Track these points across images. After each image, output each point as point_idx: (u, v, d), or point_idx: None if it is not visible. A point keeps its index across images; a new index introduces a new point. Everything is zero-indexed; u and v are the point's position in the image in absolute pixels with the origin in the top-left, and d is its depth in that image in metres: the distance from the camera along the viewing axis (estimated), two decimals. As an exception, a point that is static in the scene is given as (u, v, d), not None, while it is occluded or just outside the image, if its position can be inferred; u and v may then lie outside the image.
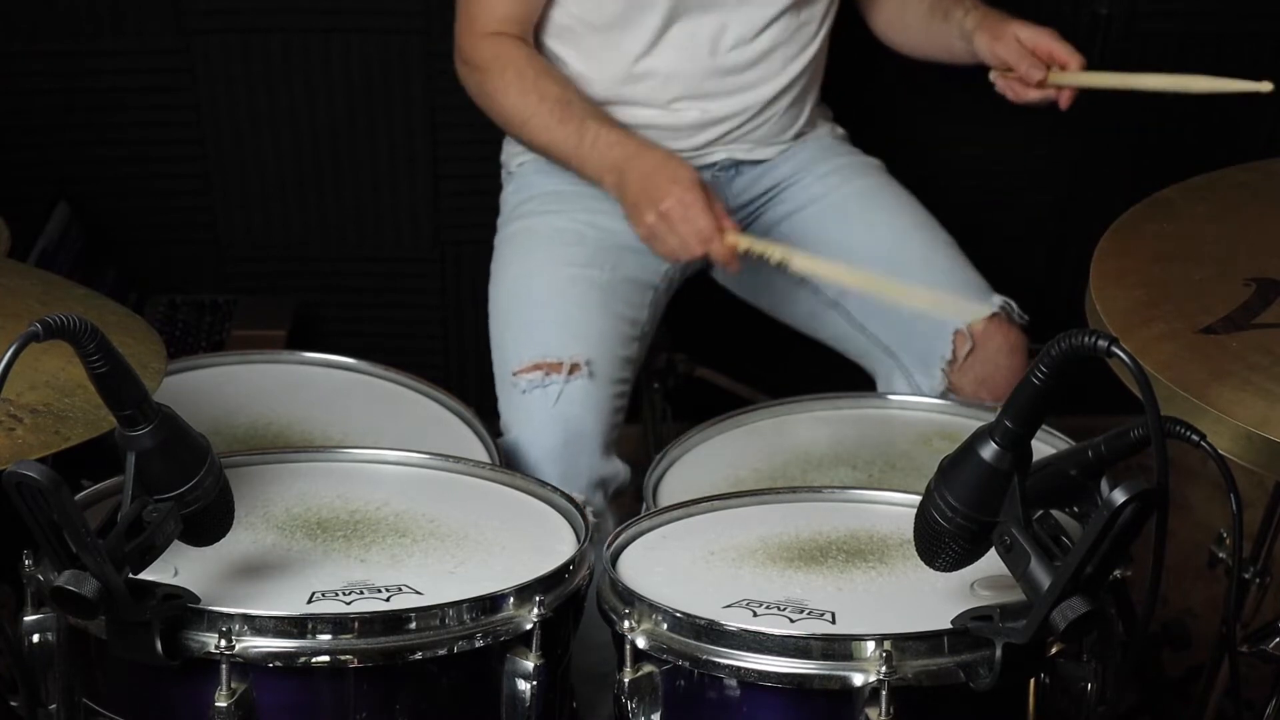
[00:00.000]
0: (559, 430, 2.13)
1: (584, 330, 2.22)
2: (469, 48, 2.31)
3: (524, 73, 2.27)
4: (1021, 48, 2.26)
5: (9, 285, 1.75)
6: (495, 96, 2.29)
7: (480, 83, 2.31)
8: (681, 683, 1.52)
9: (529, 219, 2.37)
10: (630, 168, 2.18)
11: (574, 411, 2.14)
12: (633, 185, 2.17)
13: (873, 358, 2.35)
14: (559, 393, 2.14)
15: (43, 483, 1.31)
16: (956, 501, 1.42)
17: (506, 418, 2.20)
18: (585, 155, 2.23)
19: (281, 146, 2.88)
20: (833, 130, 2.53)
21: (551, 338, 2.20)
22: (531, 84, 2.26)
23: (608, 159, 2.20)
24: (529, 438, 2.14)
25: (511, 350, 2.23)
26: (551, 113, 2.24)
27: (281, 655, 1.46)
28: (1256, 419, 1.42)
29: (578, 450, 2.13)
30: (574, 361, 2.16)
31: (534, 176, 2.40)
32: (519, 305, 2.28)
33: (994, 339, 2.22)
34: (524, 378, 2.17)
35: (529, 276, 2.30)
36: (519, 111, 2.26)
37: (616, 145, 2.21)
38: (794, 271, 2.16)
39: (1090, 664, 1.55)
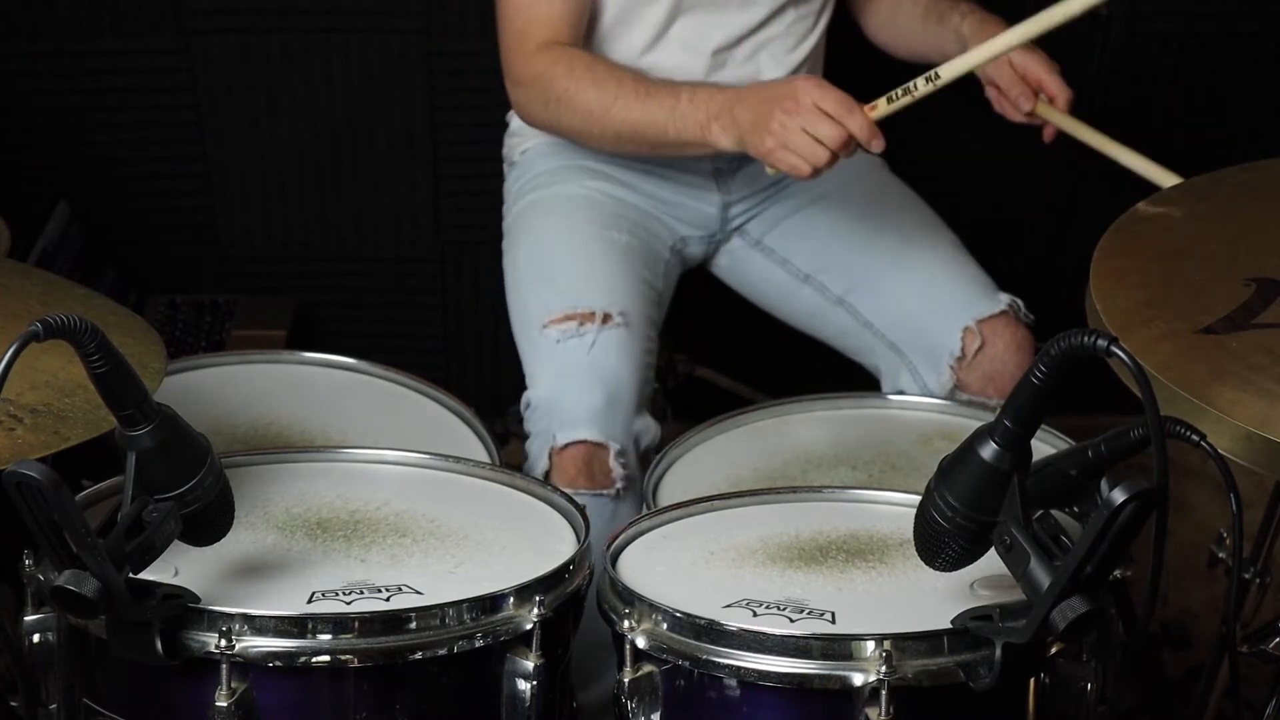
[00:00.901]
0: (596, 379, 2.09)
1: (613, 284, 2.19)
2: (522, 67, 2.24)
3: (593, 65, 2.21)
4: (1013, 72, 2.26)
5: (9, 285, 1.75)
6: (570, 96, 2.20)
7: (546, 90, 2.22)
8: (681, 683, 1.52)
9: (538, 191, 2.36)
10: (738, 100, 2.09)
11: (610, 359, 2.11)
12: (747, 112, 2.07)
13: (878, 355, 2.35)
14: (593, 341, 2.11)
15: (43, 483, 1.31)
16: (956, 501, 1.42)
17: (536, 373, 2.16)
18: (684, 115, 2.13)
19: (281, 146, 2.88)
20: (833, 129, 2.53)
21: (581, 290, 2.17)
22: (606, 72, 2.20)
23: (711, 107, 2.11)
24: (564, 389, 2.10)
25: (538, 306, 2.19)
26: (635, 91, 2.17)
27: (281, 655, 1.46)
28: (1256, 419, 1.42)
29: (615, 399, 2.09)
30: (606, 311, 2.14)
31: (540, 158, 2.40)
32: (542, 265, 2.26)
33: (1002, 336, 2.23)
34: (556, 328, 2.14)
35: (548, 240, 2.29)
36: (601, 100, 2.18)
37: (716, 93, 2.13)
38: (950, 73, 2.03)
39: (1090, 664, 1.55)
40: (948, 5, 2.40)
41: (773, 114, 2.02)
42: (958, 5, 2.39)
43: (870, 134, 2.01)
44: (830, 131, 2.00)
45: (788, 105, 2.01)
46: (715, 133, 2.11)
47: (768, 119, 2.03)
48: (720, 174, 2.40)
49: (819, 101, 2.00)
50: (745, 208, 2.44)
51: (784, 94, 2.03)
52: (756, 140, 2.05)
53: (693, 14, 2.28)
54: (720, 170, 2.40)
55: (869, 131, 2.01)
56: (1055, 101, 2.25)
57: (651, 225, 2.37)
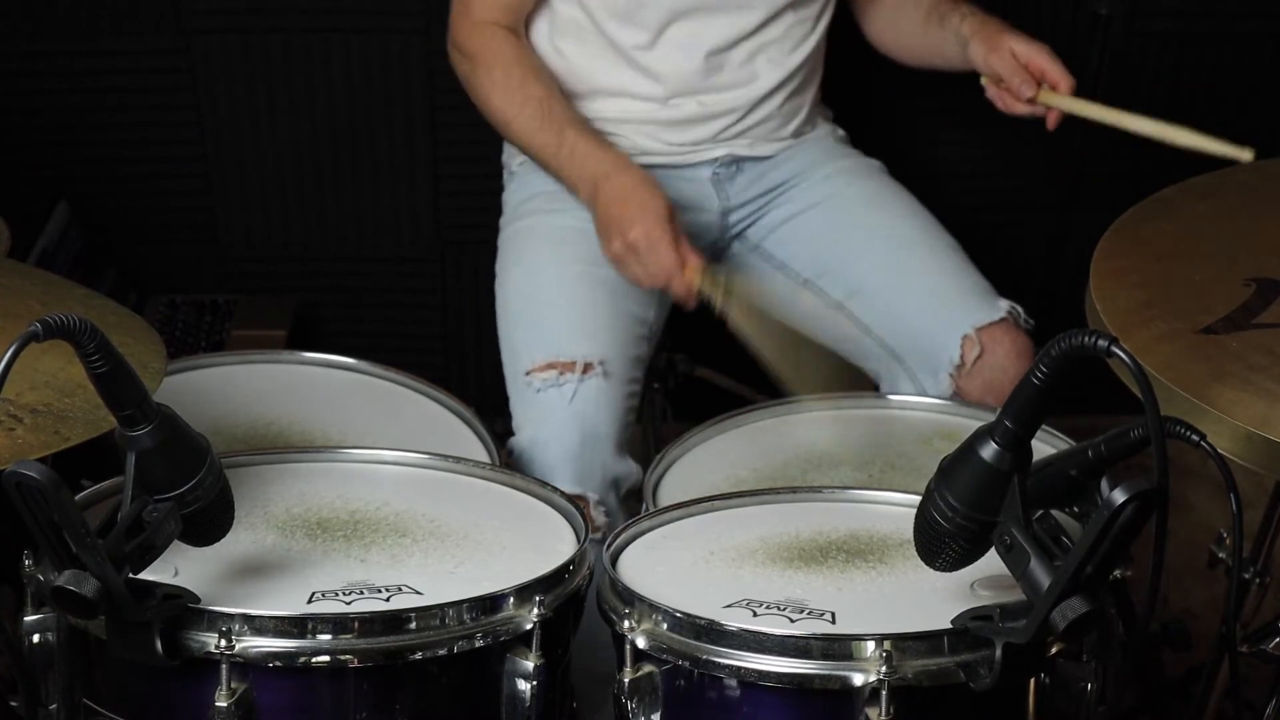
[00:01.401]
0: (575, 430, 2.12)
1: (596, 330, 2.22)
2: (462, 34, 2.33)
3: (510, 71, 2.29)
4: (1015, 62, 2.26)
5: (9, 285, 1.75)
6: (482, 92, 2.32)
7: (470, 74, 2.34)
8: (681, 683, 1.52)
9: (532, 217, 2.37)
10: (604, 187, 2.19)
11: (589, 410, 2.14)
12: (604, 207, 2.19)
13: (877, 361, 2.35)
14: (574, 392, 2.14)
15: (43, 483, 1.31)
16: (956, 501, 1.42)
17: (520, 418, 2.19)
18: (563, 163, 2.26)
19: (281, 146, 2.88)
20: (833, 131, 2.53)
21: (564, 337, 2.20)
22: (518, 84, 2.28)
23: (585, 172, 2.23)
24: (544, 437, 2.13)
25: (523, 349, 2.22)
26: (533, 117, 2.27)
27: (281, 655, 1.46)
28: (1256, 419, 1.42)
29: (593, 450, 2.12)
30: (587, 361, 2.16)
31: (535, 175, 2.40)
32: (528, 304, 2.28)
33: (1002, 344, 2.22)
34: (538, 377, 2.16)
35: (537, 275, 2.30)
36: (504, 111, 2.29)
37: (591, 159, 2.23)
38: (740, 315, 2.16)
39: (1090, 664, 1.55)
40: (948, 7, 2.40)
41: (615, 235, 2.16)
42: (958, 7, 2.39)
43: (685, 298, 2.16)
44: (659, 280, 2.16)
45: (632, 236, 2.15)
46: (583, 197, 2.25)
47: (611, 236, 2.17)
48: (719, 180, 2.40)
49: (647, 259, 2.14)
50: (745, 213, 2.43)
51: (632, 221, 2.16)
52: (605, 240, 2.20)
53: (690, 16, 2.28)
54: (719, 176, 2.40)
55: (684, 296, 2.16)
56: (1058, 88, 2.24)
57: None
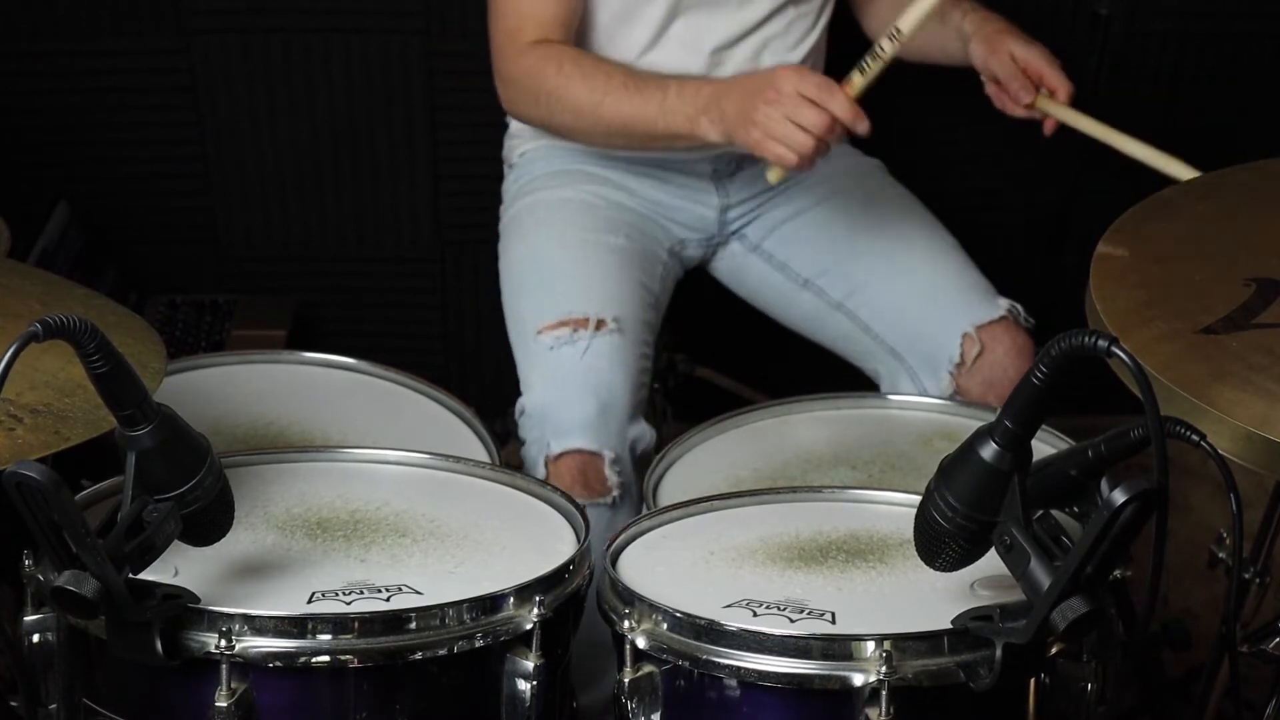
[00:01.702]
0: (589, 386, 2.09)
1: (607, 290, 2.20)
2: (512, 65, 2.24)
3: (581, 61, 2.21)
4: (1014, 65, 2.27)
5: (9, 285, 1.75)
6: (560, 92, 2.20)
7: (536, 87, 2.22)
8: (681, 683, 1.52)
9: (534, 194, 2.37)
10: (724, 93, 2.10)
11: (604, 366, 2.11)
12: (733, 103, 2.07)
13: (877, 360, 2.35)
14: (587, 347, 2.11)
15: (43, 483, 1.31)
16: (956, 501, 1.42)
17: (531, 378, 2.16)
18: (672, 108, 2.13)
19: (281, 146, 2.88)
20: (833, 130, 2.53)
21: (575, 296, 2.18)
22: (594, 66, 2.20)
23: (698, 101, 2.11)
24: (558, 396, 2.10)
25: (531, 312, 2.20)
26: (625, 86, 2.17)
27: (281, 655, 1.46)
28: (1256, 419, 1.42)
29: (609, 406, 2.09)
30: (600, 317, 2.14)
31: (537, 163, 2.40)
32: (536, 270, 2.26)
33: (1002, 342, 2.23)
34: (550, 334, 2.14)
35: (543, 244, 2.29)
36: (591, 95, 2.18)
37: (704, 86, 2.14)
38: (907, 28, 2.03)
39: (1090, 664, 1.55)
40: (949, 4, 2.40)
41: (756, 105, 2.02)
42: (959, 4, 2.39)
43: (853, 114, 2.01)
44: (813, 117, 2.00)
45: (769, 95, 2.01)
46: (704, 126, 2.11)
47: (752, 110, 2.03)
48: (719, 176, 2.41)
49: (799, 88, 2.00)
50: (743, 211, 2.44)
51: (765, 84, 2.03)
52: (743, 133, 2.05)
53: (692, 13, 2.28)
54: (719, 173, 2.40)
55: (851, 112, 2.00)
56: (1056, 94, 2.25)
57: (648, 229, 2.37)
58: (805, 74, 2.03)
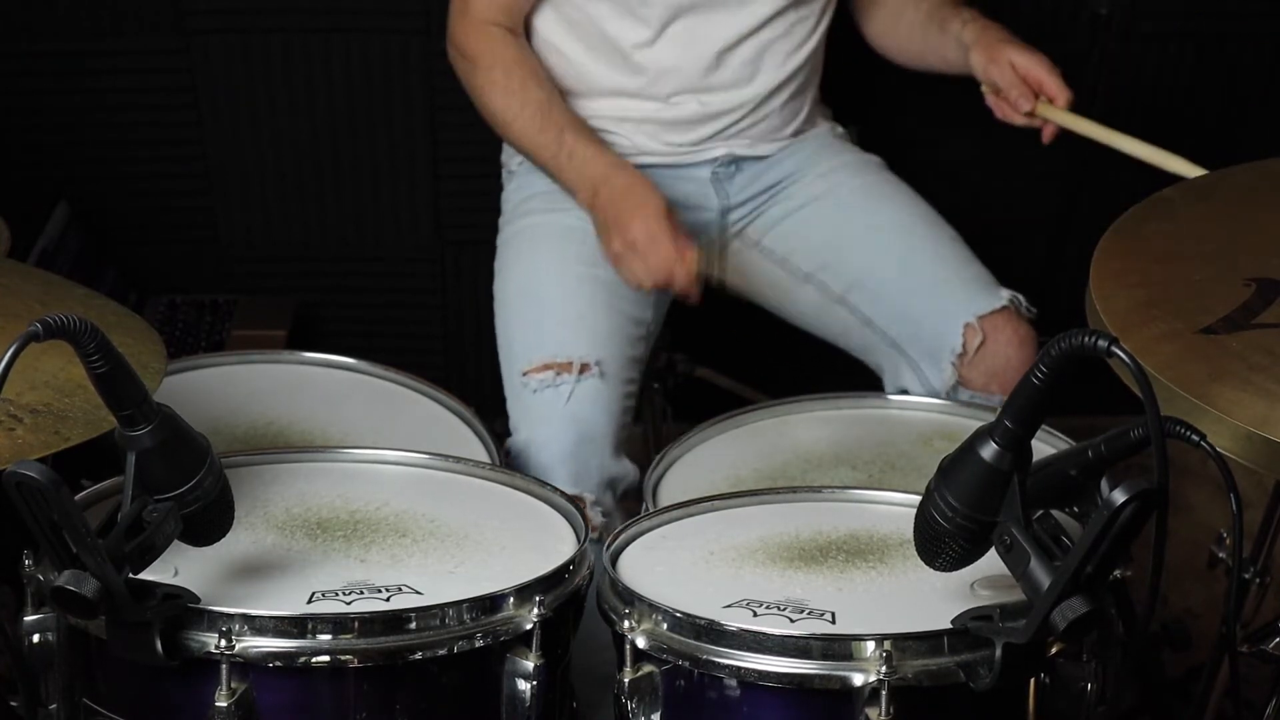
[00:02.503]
0: (570, 430, 2.13)
1: (593, 330, 2.22)
2: (461, 35, 2.34)
3: (511, 72, 2.29)
4: (1014, 74, 2.27)
5: (9, 285, 1.75)
6: (482, 93, 2.32)
7: (469, 74, 2.34)
8: (681, 683, 1.52)
9: (532, 217, 2.38)
10: (602, 190, 2.21)
11: (585, 411, 2.14)
12: (603, 208, 2.20)
13: (879, 353, 2.35)
14: (570, 392, 2.15)
15: (43, 483, 1.31)
16: (956, 501, 1.42)
17: (516, 418, 2.20)
18: (562, 166, 2.27)
19: (281, 146, 2.88)
20: (833, 129, 2.54)
21: (561, 338, 2.20)
22: (518, 85, 2.29)
23: (583, 175, 2.24)
24: (541, 438, 2.14)
25: (520, 350, 2.23)
26: (532, 119, 2.27)
27: (281, 655, 1.46)
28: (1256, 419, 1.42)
29: (589, 450, 2.13)
30: (584, 361, 2.17)
31: (535, 175, 2.41)
32: (526, 305, 2.29)
33: (1004, 332, 2.24)
34: (534, 377, 2.17)
35: (535, 275, 2.31)
36: (503, 113, 2.30)
37: (590, 162, 2.24)
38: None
39: (1090, 664, 1.55)
40: (950, 12, 2.40)
41: (616, 234, 2.18)
42: (959, 12, 2.40)
43: (687, 289, 2.16)
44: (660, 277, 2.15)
45: (631, 234, 2.16)
46: (582, 200, 2.26)
47: (612, 233, 2.19)
48: (718, 179, 2.41)
49: (648, 254, 2.15)
50: (744, 211, 2.44)
51: (631, 218, 2.17)
52: (605, 241, 2.21)
53: (693, 13, 2.28)
54: (718, 175, 2.41)
55: (687, 286, 2.16)
56: (1056, 101, 2.25)
57: None
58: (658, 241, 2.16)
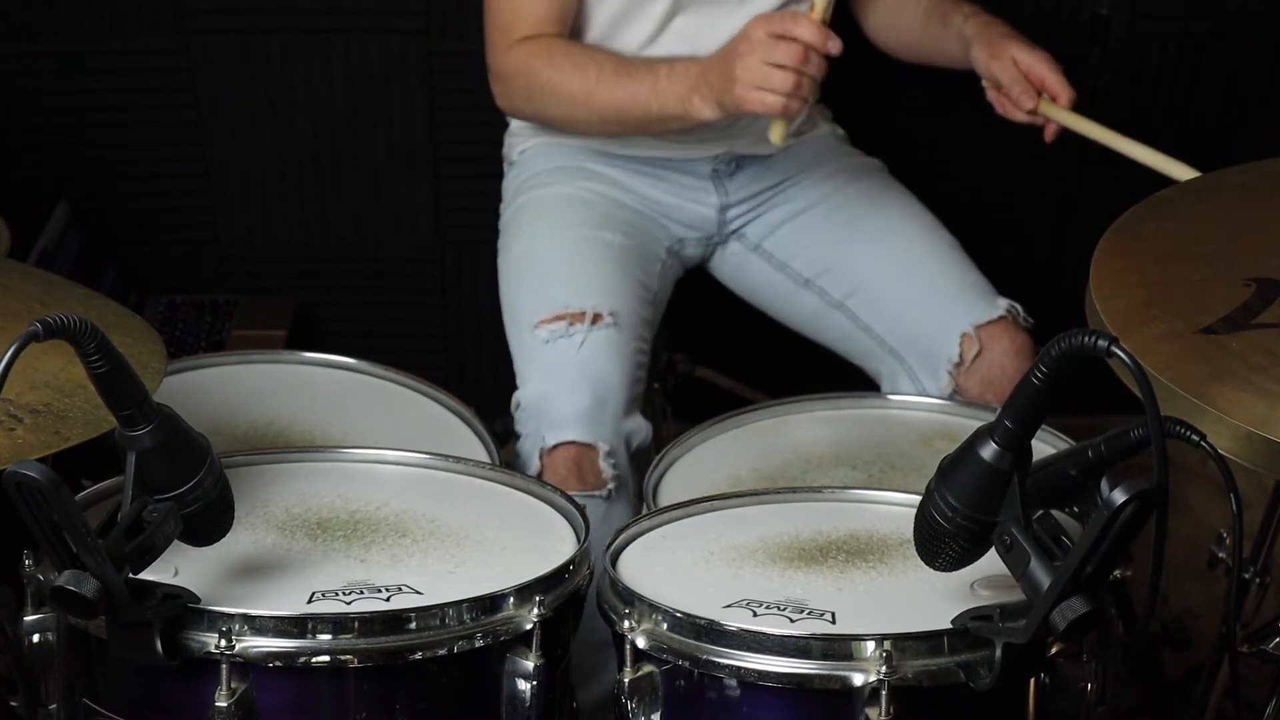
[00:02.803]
0: (585, 378, 2.10)
1: (603, 284, 2.20)
2: (504, 60, 2.27)
3: (571, 51, 2.23)
4: (1016, 70, 2.26)
5: (9, 285, 1.75)
6: (552, 84, 2.23)
7: (529, 81, 2.25)
8: (681, 683, 1.52)
9: (533, 191, 2.37)
10: (709, 66, 2.11)
11: (599, 359, 2.12)
12: (716, 72, 2.08)
13: (877, 359, 2.35)
14: (583, 340, 2.12)
15: (43, 483, 1.31)
16: (956, 501, 1.42)
17: (526, 372, 2.17)
18: (664, 90, 2.15)
19: (281, 146, 2.88)
20: (834, 131, 2.54)
21: (572, 290, 2.18)
22: (585, 56, 2.23)
23: (688, 79, 2.13)
24: (553, 388, 2.11)
25: (528, 306, 2.20)
26: (616, 72, 2.20)
27: (281, 655, 1.46)
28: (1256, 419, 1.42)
29: (604, 399, 2.10)
30: (597, 311, 2.15)
31: (537, 159, 2.41)
32: (534, 265, 2.27)
33: (1000, 342, 2.23)
34: (546, 328, 2.15)
35: (541, 239, 2.30)
36: (584, 83, 2.20)
37: (692, 65, 2.15)
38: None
39: (1090, 664, 1.55)
40: (950, 7, 2.40)
41: (733, 63, 2.04)
42: (960, 7, 2.39)
43: (821, 36, 2.00)
44: (785, 51, 2.00)
45: (742, 49, 2.03)
46: (695, 104, 2.13)
47: (731, 70, 2.04)
48: (718, 175, 2.41)
49: (766, 29, 2.01)
50: (743, 210, 2.44)
51: (739, 40, 2.05)
52: (729, 96, 2.06)
53: (693, 11, 2.28)
54: (718, 172, 2.41)
55: (818, 34, 2.00)
56: (1058, 100, 2.25)
57: (647, 226, 2.37)
58: (770, 16, 2.05)
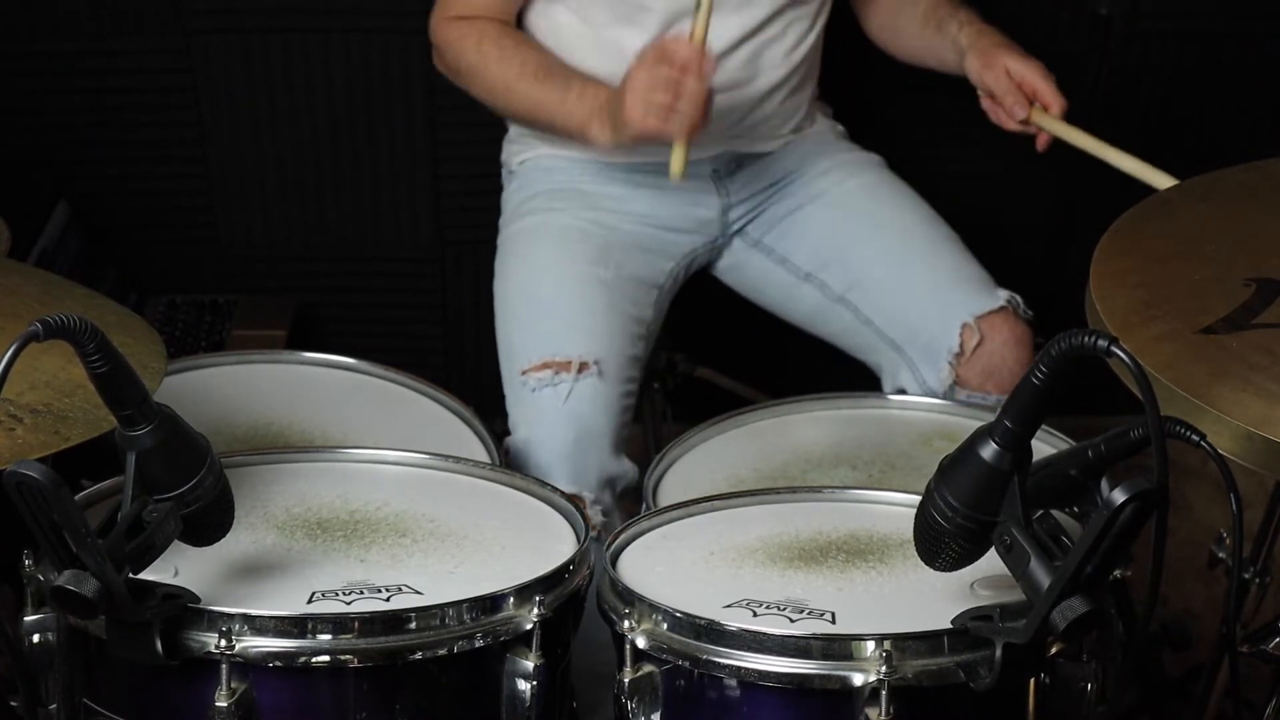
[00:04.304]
0: (569, 429, 2.13)
1: (592, 329, 2.22)
2: (438, 31, 2.33)
3: (502, 43, 2.28)
4: (1009, 81, 2.27)
5: (9, 285, 1.75)
6: (473, 70, 2.29)
7: (456, 59, 2.31)
8: (681, 683, 1.52)
9: (533, 216, 2.38)
10: (612, 96, 2.14)
11: (584, 410, 2.14)
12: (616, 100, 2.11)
13: (878, 352, 2.36)
14: (569, 391, 2.14)
15: (43, 483, 1.31)
16: (956, 501, 1.42)
17: (515, 417, 2.20)
18: (570, 110, 2.21)
19: (281, 146, 2.88)
20: (833, 127, 2.54)
21: (560, 337, 2.20)
22: (512, 51, 2.27)
23: (594, 104, 2.18)
24: (539, 437, 2.14)
25: (519, 349, 2.22)
26: (536, 75, 2.25)
27: (281, 655, 1.46)
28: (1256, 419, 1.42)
29: (588, 449, 2.13)
30: (583, 360, 2.16)
31: (536, 174, 2.41)
32: (526, 304, 2.28)
33: (1001, 332, 2.24)
34: (533, 376, 2.17)
35: (536, 275, 2.30)
36: (502, 78, 2.27)
37: (603, 91, 2.19)
38: None
39: (1090, 664, 1.55)
40: (947, 13, 2.40)
41: (623, 95, 2.08)
42: (956, 14, 2.40)
43: (696, 58, 2.02)
44: (664, 76, 2.03)
45: (629, 80, 2.07)
46: (594, 130, 2.18)
47: (622, 100, 2.08)
48: (719, 176, 2.41)
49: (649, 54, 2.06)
50: (745, 209, 2.44)
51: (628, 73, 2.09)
52: (624, 125, 2.09)
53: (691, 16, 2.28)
54: (719, 173, 2.41)
55: (694, 57, 2.02)
56: (1050, 109, 2.25)
57: (646, 256, 2.37)
58: (656, 42, 2.09)
